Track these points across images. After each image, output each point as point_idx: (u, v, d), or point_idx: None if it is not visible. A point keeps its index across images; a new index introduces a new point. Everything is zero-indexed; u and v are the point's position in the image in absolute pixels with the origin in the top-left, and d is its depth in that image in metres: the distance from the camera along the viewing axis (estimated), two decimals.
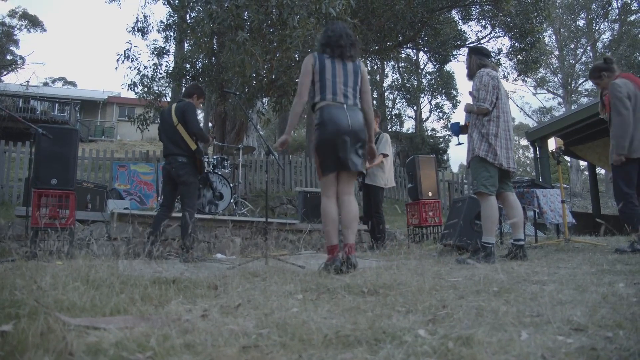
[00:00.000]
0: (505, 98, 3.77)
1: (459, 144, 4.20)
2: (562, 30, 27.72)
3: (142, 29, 11.14)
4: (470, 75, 3.85)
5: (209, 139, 4.74)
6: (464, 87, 69.94)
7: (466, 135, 3.91)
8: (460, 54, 14.69)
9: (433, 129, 27.02)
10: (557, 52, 28.09)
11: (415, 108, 26.30)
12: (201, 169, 4.63)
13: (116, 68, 19.75)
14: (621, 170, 3.96)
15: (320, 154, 3.09)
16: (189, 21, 9.86)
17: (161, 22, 10.74)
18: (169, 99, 10.52)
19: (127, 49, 9.29)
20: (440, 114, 26.87)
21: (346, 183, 3.17)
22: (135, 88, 9.55)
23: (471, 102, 3.77)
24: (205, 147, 10.99)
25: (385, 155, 5.72)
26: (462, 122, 4.09)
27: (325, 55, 3.17)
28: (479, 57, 3.82)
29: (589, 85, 27.93)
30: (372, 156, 3.38)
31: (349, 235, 3.06)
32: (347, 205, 3.13)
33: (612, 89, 4.02)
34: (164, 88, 10.13)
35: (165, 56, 10.23)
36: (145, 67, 9.70)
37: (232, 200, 6.94)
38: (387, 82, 26.52)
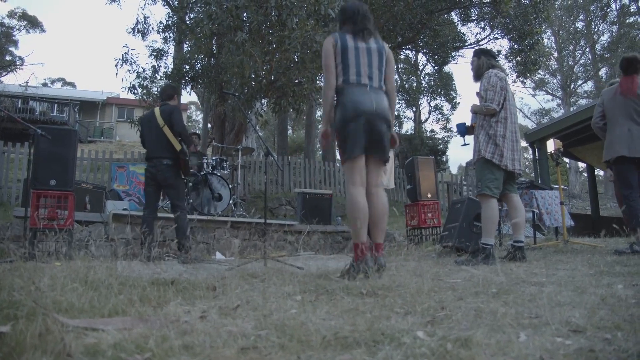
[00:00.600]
0: (513, 100, 3.77)
1: (465, 144, 4.19)
2: (561, 31, 27.75)
3: (142, 30, 11.13)
4: (477, 77, 3.83)
5: (192, 143, 4.71)
6: (463, 88, 70.09)
7: (472, 136, 3.91)
8: (459, 56, 14.70)
9: (432, 130, 27.12)
10: (556, 54, 28.10)
11: (414, 109, 26.35)
12: (186, 170, 4.58)
13: (116, 73, 19.79)
14: (616, 172, 4.06)
15: (342, 135, 2.78)
16: (188, 22, 9.87)
17: (160, 23, 10.74)
18: None
19: (125, 53, 9.34)
20: (440, 116, 27.01)
21: (373, 173, 2.87)
22: (135, 90, 9.56)
23: (478, 103, 3.76)
24: (205, 148, 11.02)
25: None
26: (468, 123, 4.08)
27: (347, 34, 2.89)
28: (488, 58, 3.81)
29: (588, 86, 28.05)
30: (393, 144, 2.98)
31: (377, 233, 2.75)
32: (376, 199, 2.80)
33: None
34: None
35: (164, 58, 10.24)
36: (144, 70, 9.71)
37: (231, 202, 6.93)
38: None
